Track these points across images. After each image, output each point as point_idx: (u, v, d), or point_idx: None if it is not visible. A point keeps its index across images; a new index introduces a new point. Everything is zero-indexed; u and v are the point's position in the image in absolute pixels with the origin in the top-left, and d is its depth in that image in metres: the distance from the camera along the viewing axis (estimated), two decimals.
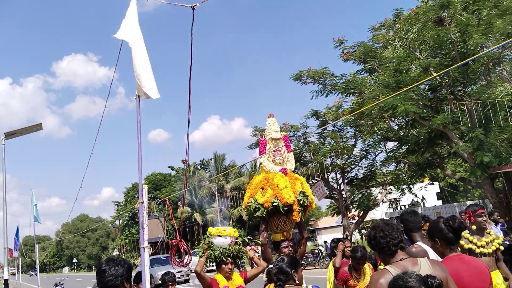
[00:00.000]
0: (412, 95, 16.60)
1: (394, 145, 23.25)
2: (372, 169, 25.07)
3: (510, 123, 15.20)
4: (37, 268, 20.84)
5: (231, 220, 39.71)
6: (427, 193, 29.09)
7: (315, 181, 23.81)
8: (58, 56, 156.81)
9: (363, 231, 31.09)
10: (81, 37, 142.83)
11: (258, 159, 6.53)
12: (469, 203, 22.36)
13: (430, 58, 16.57)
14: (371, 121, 20.17)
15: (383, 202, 26.47)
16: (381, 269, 2.91)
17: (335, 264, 6.28)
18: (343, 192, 25.18)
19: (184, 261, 5.22)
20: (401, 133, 20.77)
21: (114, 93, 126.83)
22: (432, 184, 30.21)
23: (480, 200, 27.50)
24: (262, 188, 5.99)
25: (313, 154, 23.38)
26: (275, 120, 6.58)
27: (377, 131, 21.96)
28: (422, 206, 28.93)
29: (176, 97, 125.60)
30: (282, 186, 5.90)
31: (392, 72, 16.81)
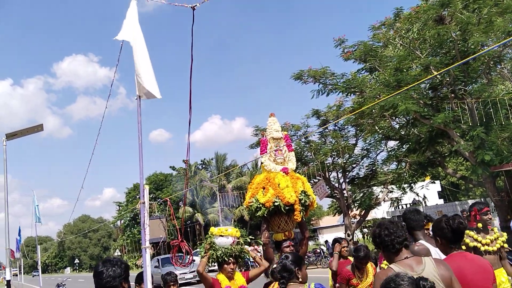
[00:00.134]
0: (413, 94, 16.58)
1: (395, 144, 23.24)
2: (373, 168, 25.05)
3: (511, 122, 15.17)
4: (39, 269, 20.86)
5: (233, 220, 39.72)
6: (429, 192, 29.03)
7: (317, 181, 23.81)
8: (59, 57, 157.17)
9: (365, 230, 31.07)
10: (82, 38, 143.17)
11: (259, 159, 6.52)
12: (471, 202, 22.42)
13: (431, 57, 16.55)
14: (372, 120, 20.16)
15: (385, 201, 26.46)
16: (386, 268, 2.91)
17: (332, 268, 6.27)
18: (345, 191, 25.17)
19: (185, 261, 5.23)
20: (402, 132, 20.75)
21: (115, 94, 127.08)
22: (434, 183, 30.19)
23: (482, 199, 27.44)
24: (264, 188, 5.98)
25: (314, 154, 23.37)
26: (276, 120, 6.57)
27: (378, 130, 21.95)
28: (424, 205, 28.88)
29: (177, 97, 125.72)
30: (284, 186, 5.89)
31: (393, 71, 16.79)
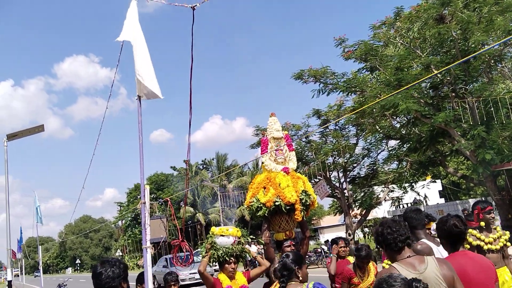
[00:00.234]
0: (414, 93, 16.57)
1: (396, 144, 23.23)
2: (374, 168, 25.05)
3: None
4: (40, 269, 20.87)
5: (234, 220, 39.73)
6: (430, 191, 29.01)
7: (317, 180, 23.80)
8: (60, 58, 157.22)
9: (366, 230, 31.07)
10: (82, 38, 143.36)
11: (260, 159, 6.52)
12: (472, 201, 22.38)
13: (431, 56, 16.54)
14: (373, 120, 20.15)
15: (386, 201, 26.46)
16: (388, 267, 2.91)
17: (330, 271, 6.21)
18: (345, 191, 25.17)
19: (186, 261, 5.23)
20: (403, 131, 20.74)
21: (116, 94, 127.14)
22: (435, 182, 30.15)
23: (483, 198, 27.42)
24: (264, 188, 5.97)
25: (315, 153, 23.38)
26: (277, 119, 6.56)
27: (379, 130, 21.94)
28: (425, 204, 28.87)
29: (178, 97, 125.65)
30: (284, 185, 5.88)
31: (393, 71, 16.79)
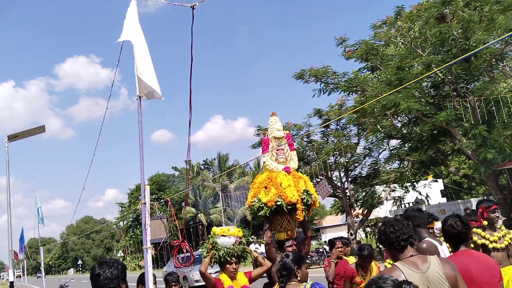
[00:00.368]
0: (415, 93, 16.55)
1: (397, 143, 23.22)
2: (376, 167, 25.03)
3: None
4: (42, 270, 20.89)
5: (235, 221, 39.73)
6: (431, 191, 28.98)
7: (319, 180, 23.78)
8: (61, 58, 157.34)
9: (368, 229, 31.04)
10: (83, 39, 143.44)
11: (262, 158, 6.50)
12: (474, 200, 22.32)
13: (432, 55, 16.52)
14: (374, 119, 20.14)
15: (387, 200, 26.43)
16: (391, 266, 2.89)
17: (328, 278, 6.10)
18: (347, 191, 25.14)
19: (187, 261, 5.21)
20: (404, 131, 20.72)
21: (117, 94, 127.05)
22: (436, 182, 30.08)
23: (485, 197, 27.38)
24: (266, 187, 5.96)
25: (317, 153, 23.37)
26: (278, 119, 6.54)
27: (380, 129, 21.93)
28: (427, 204, 28.83)
29: (180, 98, 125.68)
30: (286, 185, 5.87)
31: (394, 70, 16.78)
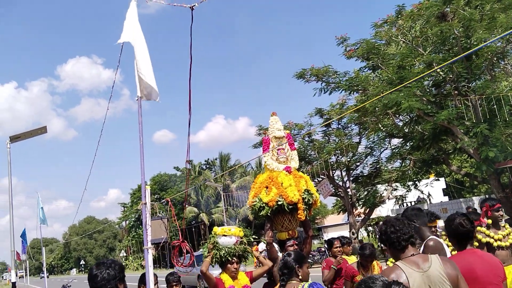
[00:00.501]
0: (416, 92, 16.53)
1: (399, 142, 23.17)
2: (377, 166, 25.01)
3: None
4: (45, 271, 20.94)
5: (237, 220, 39.75)
6: (433, 189, 28.96)
7: (320, 179, 23.78)
8: (63, 59, 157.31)
9: (369, 229, 31.01)
10: (85, 40, 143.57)
11: (263, 158, 6.51)
12: (476, 199, 22.25)
13: (434, 54, 16.49)
14: (376, 118, 20.12)
15: (389, 199, 26.40)
16: (392, 265, 2.90)
17: (324, 282, 5.89)
18: (349, 190, 25.14)
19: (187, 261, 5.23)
20: (406, 130, 20.69)
21: (119, 95, 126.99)
22: (438, 180, 30.04)
23: (487, 196, 27.33)
24: (267, 187, 5.97)
25: (318, 152, 23.36)
26: (278, 119, 6.55)
27: (382, 128, 21.90)
28: (428, 203, 28.80)
29: (181, 98, 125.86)
30: (287, 185, 5.88)
31: (396, 69, 16.75)
